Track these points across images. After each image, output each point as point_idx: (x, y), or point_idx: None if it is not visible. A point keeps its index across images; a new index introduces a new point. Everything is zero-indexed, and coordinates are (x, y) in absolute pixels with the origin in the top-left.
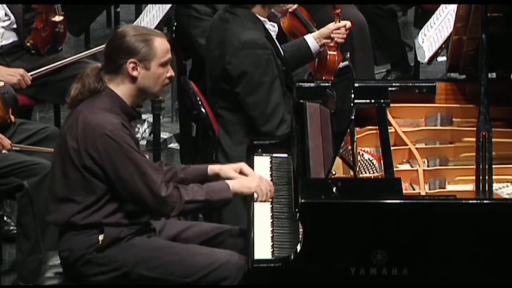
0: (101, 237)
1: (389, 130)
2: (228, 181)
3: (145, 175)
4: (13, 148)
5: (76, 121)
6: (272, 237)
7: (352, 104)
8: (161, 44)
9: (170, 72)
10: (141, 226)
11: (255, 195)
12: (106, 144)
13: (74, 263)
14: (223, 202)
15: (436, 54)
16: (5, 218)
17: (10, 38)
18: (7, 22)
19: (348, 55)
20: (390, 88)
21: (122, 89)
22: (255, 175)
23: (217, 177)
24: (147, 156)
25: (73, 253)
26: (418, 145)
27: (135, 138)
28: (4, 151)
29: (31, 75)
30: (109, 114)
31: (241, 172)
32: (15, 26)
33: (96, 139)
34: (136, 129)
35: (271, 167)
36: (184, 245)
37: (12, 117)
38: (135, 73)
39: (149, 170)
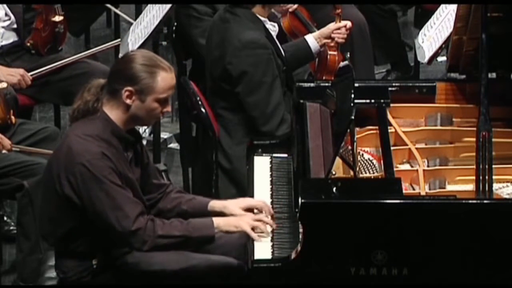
0: (94, 261)
1: (389, 130)
2: (214, 218)
3: (117, 208)
4: (13, 148)
5: (62, 145)
6: (272, 237)
7: (352, 104)
8: (163, 80)
9: (167, 108)
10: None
11: (254, 235)
12: (82, 174)
13: (71, 284)
14: (205, 239)
15: (436, 54)
16: (5, 218)
17: (10, 38)
18: (7, 22)
19: (348, 55)
20: (390, 88)
21: (115, 114)
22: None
23: (219, 215)
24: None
25: (68, 275)
26: (418, 145)
27: (118, 167)
28: (4, 151)
29: (31, 75)
30: (93, 141)
31: (249, 210)
32: (15, 26)
33: (75, 167)
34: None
35: (271, 167)
36: (183, 253)
37: (13, 118)
38: (128, 101)
39: (122, 203)
